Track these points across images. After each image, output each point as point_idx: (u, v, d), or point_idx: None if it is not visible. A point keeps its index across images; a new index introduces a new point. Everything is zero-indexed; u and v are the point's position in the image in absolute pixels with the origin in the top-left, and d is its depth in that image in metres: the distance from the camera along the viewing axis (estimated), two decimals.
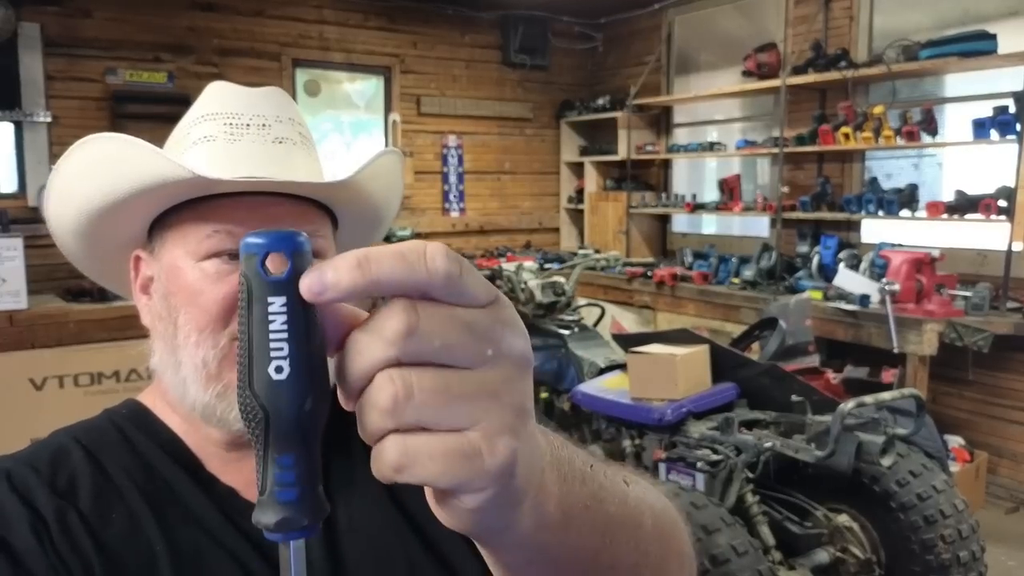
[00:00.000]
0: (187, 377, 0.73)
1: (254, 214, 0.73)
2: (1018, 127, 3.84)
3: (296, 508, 0.38)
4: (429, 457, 0.36)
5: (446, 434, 0.36)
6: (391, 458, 0.36)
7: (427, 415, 0.36)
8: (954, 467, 3.81)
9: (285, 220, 0.74)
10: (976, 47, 4.08)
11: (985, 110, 4.07)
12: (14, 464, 0.71)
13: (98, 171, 0.72)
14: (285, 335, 0.36)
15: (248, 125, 0.77)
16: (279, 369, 0.36)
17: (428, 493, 0.40)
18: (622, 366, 3.24)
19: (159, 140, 0.81)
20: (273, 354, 0.36)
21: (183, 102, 5.51)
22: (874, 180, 4.79)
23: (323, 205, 0.80)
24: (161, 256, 0.76)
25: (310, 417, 0.37)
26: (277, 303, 0.36)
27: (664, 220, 6.54)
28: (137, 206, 0.74)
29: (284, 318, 0.36)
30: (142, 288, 0.80)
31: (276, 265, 0.36)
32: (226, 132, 0.76)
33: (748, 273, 4.92)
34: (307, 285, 0.36)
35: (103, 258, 0.83)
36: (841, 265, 4.42)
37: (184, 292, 0.73)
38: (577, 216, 7.03)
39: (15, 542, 0.64)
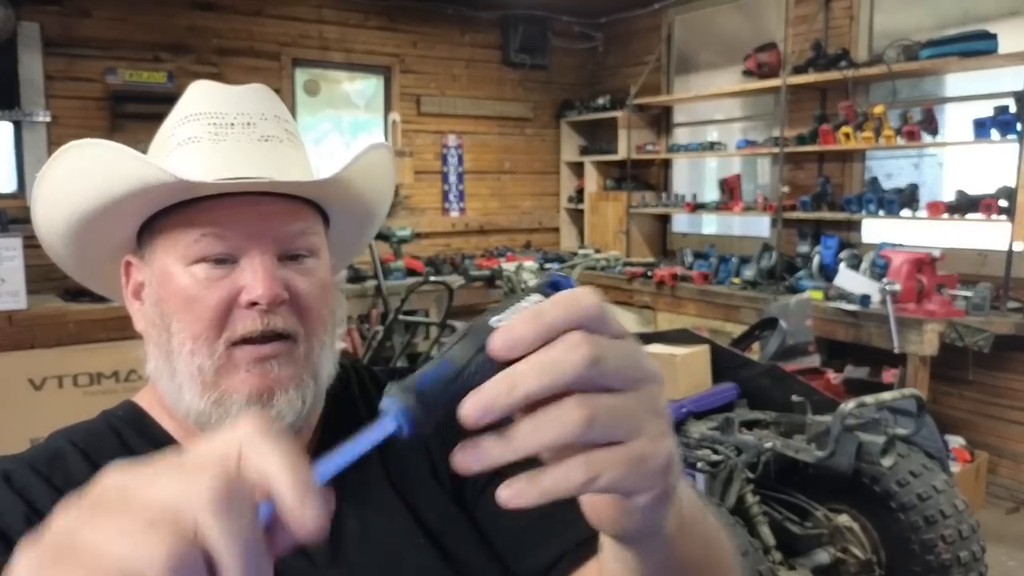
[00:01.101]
0: (183, 384, 0.72)
1: (243, 215, 0.72)
2: (1018, 127, 3.84)
3: (418, 407, 0.40)
4: (613, 467, 0.41)
5: (622, 446, 0.41)
6: (578, 475, 0.40)
7: (611, 432, 0.41)
8: (954, 467, 3.81)
9: (275, 218, 0.73)
10: (976, 47, 4.08)
11: (986, 110, 4.07)
12: (13, 465, 0.71)
13: (81, 178, 0.72)
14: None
15: (233, 124, 0.76)
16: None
17: (588, 505, 0.46)
18: None
19: None
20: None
21: None
22: (875, 180, 4.78)
23: (314, 203, 0.79)
24: (152, 262, 0.76)
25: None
26: None
27: (664, 220, 6.53)
28: (122, 212, 0.73)
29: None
30: (134, 293, 0.79)
31: None
32: (211, 132, 0.75)
33: (748, 273, 4.92)
34: (499, 348, 0.40)
35: (93, 263, 0.82)
36: (842, 265, 4.41)
37: (176, 298, 0.72)
38: (577, 216, 7.02)
39: (14, 536, 0.64)
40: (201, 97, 0.78)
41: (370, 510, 0.77)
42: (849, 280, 4.19)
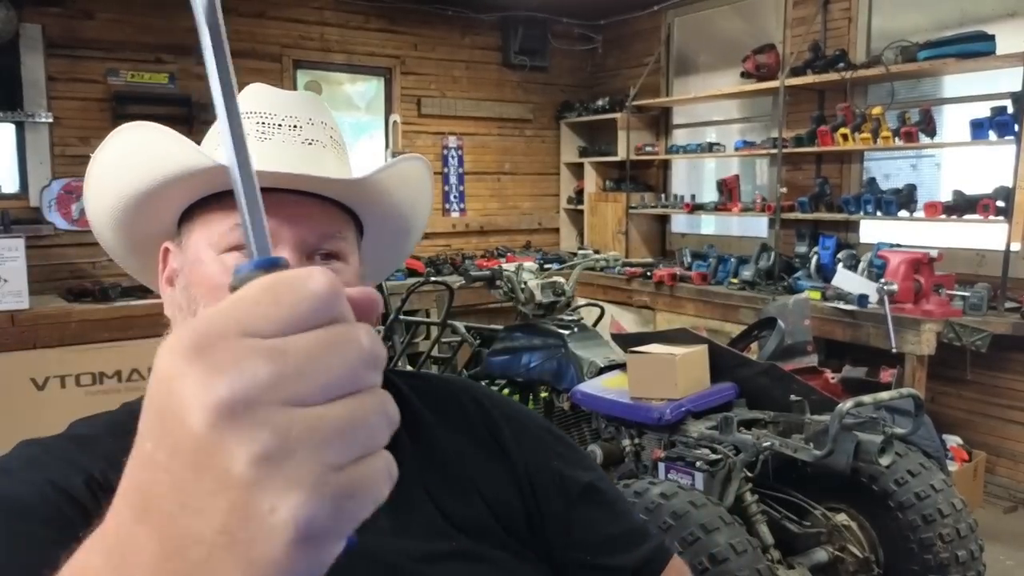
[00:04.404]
0: None
1: (279, 211, 0.74)
2: (1016, 127, 3.85)
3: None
4: None
5: None
6: None
7: None
8: (952, 466, 3.83)
9: (309, 219, 0.76)
10: (974, 48, 4.09)
11: (983, 111, 4.09)
12: (49, 440, 0.73)
13: (131, 160, 0.75)
14: None
15: (280, 125, 0.80)
16: None
17: None
18: (621, 366, 3.25)
19: None
20: None
21: (184, 103, 5.56)
22: (872, 181, 4.80)
23: (350, 210, 0.81)
24: (187, 248, 0.79)
25: None
26: None
27: (663, 220, 6.55)
28: (167, 196, 0.76)
29: None
30: (168, 280, 0.82)
31: None
32: (258, 130, 0.79)
33: (747, 273, 4.93)
34: None
35: (139, 251, 0.85)
36: (839, 265, 4.43)
37: (205, 284, 0.75)
38: (577, 216, 7.04)
39: (77, 494, 0.66)
40: (253, 97, 0.82)
41: (398, 511, 0.78)
42: (847, 280, 4.21)
